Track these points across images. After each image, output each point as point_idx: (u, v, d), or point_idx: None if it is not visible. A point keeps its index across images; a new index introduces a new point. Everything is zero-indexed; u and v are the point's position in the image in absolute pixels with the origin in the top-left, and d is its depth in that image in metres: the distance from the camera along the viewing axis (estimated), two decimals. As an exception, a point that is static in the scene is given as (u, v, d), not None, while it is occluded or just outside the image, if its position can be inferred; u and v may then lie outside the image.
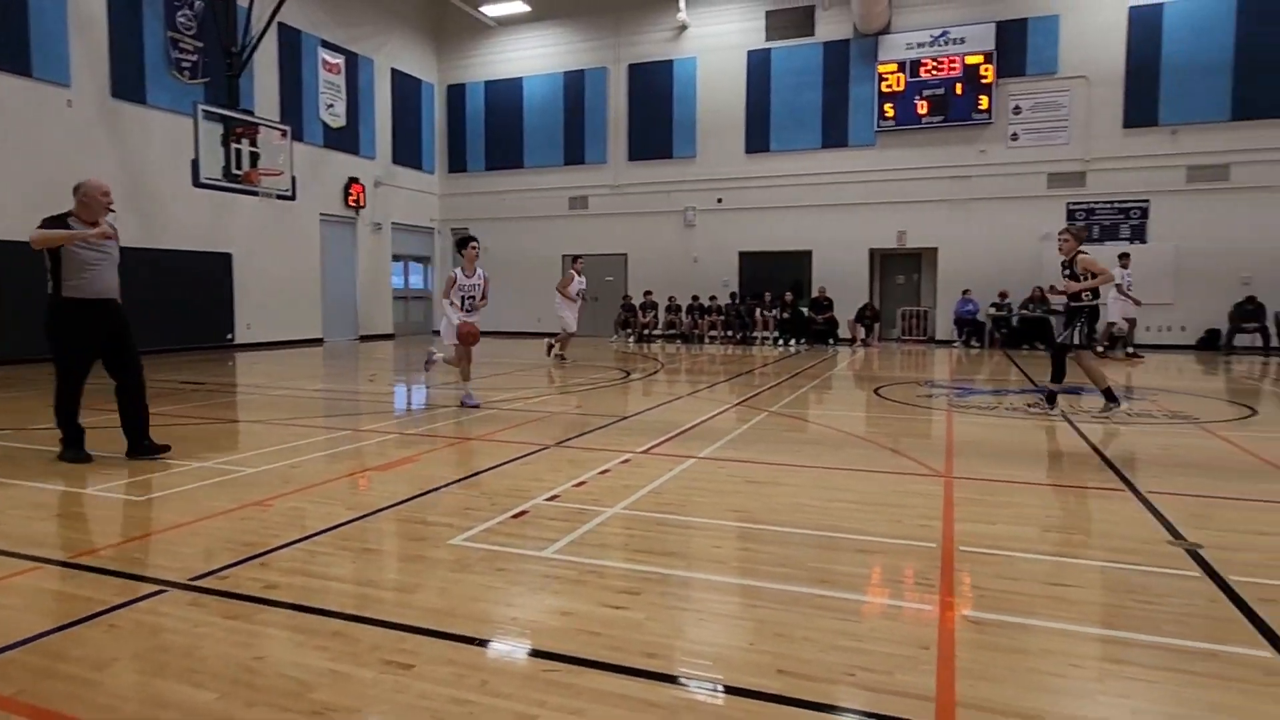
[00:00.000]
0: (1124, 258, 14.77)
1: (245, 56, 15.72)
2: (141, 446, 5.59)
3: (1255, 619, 2.87)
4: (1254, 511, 4.40)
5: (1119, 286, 14.33)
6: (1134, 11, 16.99)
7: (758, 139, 20.01)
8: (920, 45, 18.46)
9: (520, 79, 22.22)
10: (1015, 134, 18.04)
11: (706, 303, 19.95)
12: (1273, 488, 4.93)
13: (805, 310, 19.09)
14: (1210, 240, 16.61)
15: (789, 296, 19.18)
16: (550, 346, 13.94)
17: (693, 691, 2.35)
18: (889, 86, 18.68)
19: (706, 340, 19.54)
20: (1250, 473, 5.42)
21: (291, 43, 18.02)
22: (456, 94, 23.12)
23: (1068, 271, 7.82)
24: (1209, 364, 14.02)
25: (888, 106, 18.72)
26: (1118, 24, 17.13)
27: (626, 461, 5.57)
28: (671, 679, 2.41)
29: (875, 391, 9.96)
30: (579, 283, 13.91)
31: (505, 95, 22.46)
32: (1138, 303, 14.76)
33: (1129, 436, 6.81)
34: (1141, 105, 17.08)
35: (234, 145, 14.69)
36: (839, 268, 19.46)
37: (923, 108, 18.46)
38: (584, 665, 2.49)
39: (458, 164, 23.33)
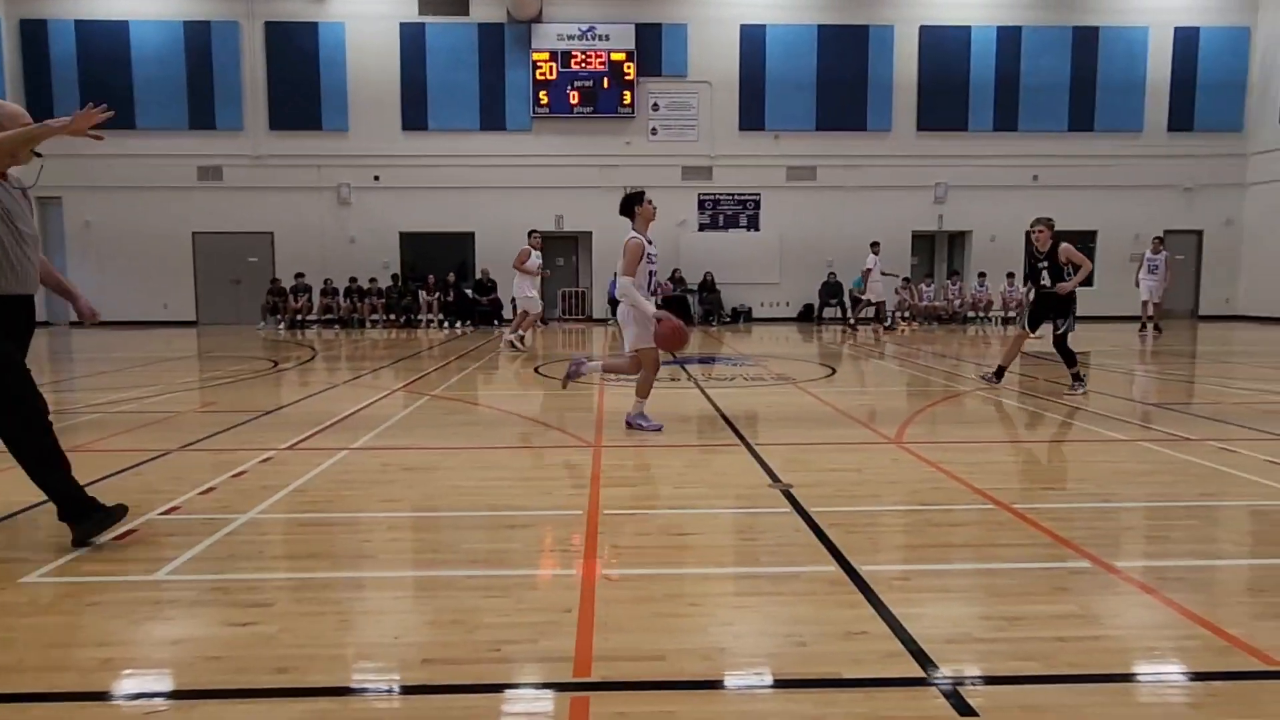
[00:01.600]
0: (875, 245, 17.15)
1: None
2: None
3: (827, 541, 3.51)
4: (830, 454, 5.39)
5: (876, 270, 16.95)
6: (744, 29, 19.54)
7: (415, 116, 19.37)
8: (570, 38, 19.29)
9: (126, 23, 18.78)
10: (654, 129, 19.78)
11: (366, 285, 18.93)
12: (843, 433, 6.08)
13: (469, 292, 19.04)
14: (804, 230, 19.89)
15: (452, 278, 18.97)
16: (513, 344, 12.40)
17: (328, 700, 2.21)
18: (543, 74, 19.26)
19: (368, 324, 18.59)
20: (829, 421, 6.63)
21: None
22: (35, 31, 18.81)
23: (1044, 263, 7.75)
24: (805, 333, 16.85)
25: (542, 94, 19.30)
26: (732, 38, 19.57)
27: (267, 460, 5.07)
28: (305, 692, 2.25)
29: (535, 370, 10.30)
30: (536, 256, 12.54)
31: (106, 40, 18.80)
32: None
33: (745, 398, 7.90)
34: (752, 111, 19.77)
35: None
36: (502, 249, 19.58)
37: (574, 98, 19.35)
38: (199, 697, 2.21)
39: (41, 118, 18.88)
